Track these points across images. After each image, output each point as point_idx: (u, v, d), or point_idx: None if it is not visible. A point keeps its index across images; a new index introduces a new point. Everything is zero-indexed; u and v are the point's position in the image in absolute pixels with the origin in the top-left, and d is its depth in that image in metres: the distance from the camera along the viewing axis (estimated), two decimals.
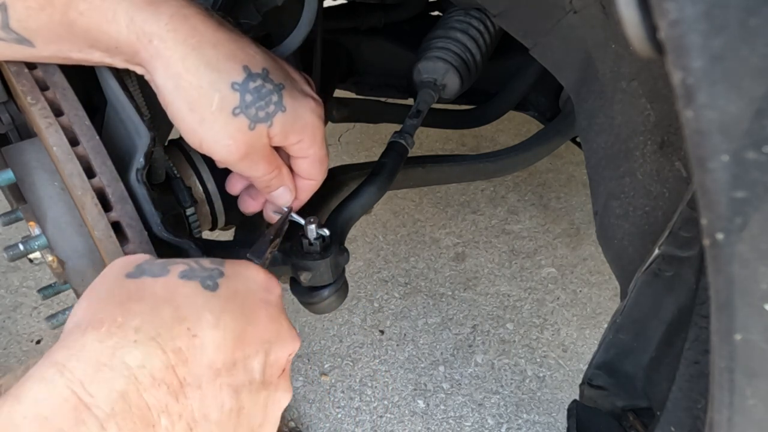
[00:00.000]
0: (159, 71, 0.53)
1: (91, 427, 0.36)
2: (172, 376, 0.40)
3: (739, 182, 0.28)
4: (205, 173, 0.72)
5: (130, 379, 0.38)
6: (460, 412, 1.46)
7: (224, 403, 0.43)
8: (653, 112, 0.57)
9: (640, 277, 0.59)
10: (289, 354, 0.49)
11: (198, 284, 0.45)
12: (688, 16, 0.25)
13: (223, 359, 0.43)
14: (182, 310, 0.43)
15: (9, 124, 0.66)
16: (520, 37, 0.80)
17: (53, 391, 0.37)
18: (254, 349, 0.46)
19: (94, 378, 0.38)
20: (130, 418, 0.38)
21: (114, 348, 0.39)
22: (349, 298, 0.85)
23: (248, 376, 0.45)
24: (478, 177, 1.15)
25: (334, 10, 1.23)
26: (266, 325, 0.47)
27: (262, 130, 0.57)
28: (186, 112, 0.55)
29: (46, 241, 0.60)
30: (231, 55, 0.54)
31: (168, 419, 0.39)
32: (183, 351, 0.41)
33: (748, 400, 0.35)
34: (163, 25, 0.52)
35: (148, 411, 0.39)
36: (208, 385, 0.42)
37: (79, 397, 0.37)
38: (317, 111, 0.61)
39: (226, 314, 0.44)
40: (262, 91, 0.56)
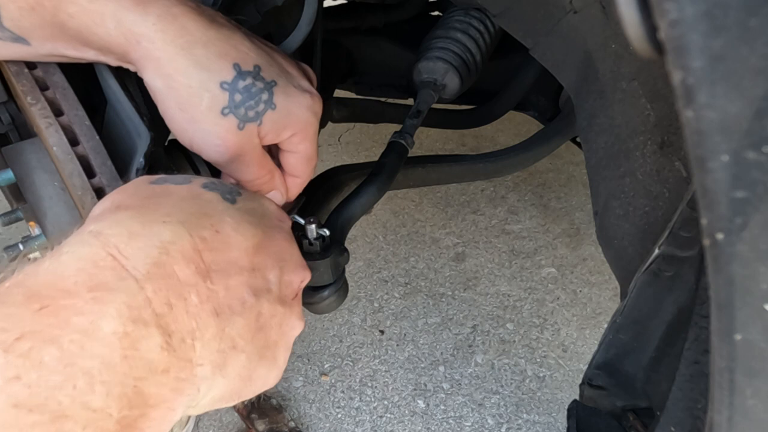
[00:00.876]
0: (149, 71, 0.53)
1: (130, 284, 0.37)
2: (199, 259, 0.41)
3: (739, 182, 0.28)
4: (204, 173, 0.72)
5: (162, 250, 0.39)
6: (460, 412, 1.46)
7: (246, 300, 0.43)
8: (653, 112, 0.57)
9: (640, 277, 0.59)
10: (301, 280, 0.51)
11: (218, 195, 0.47)
12: (688, 16, 0.25)
13: (244, 260, 0.44)
14: (206, 209, 0.45)
15: (9, 124, 0.66)
16: (520, 37, 0.80)
17: (92, 250, 0.38)
18: (271, 262, 0.47)
19: (129, 243, 0.39)
20: (164, 285, 0.38)
21: (145, 223, 0.40)
22: (349, 298, 0.85)
23: (266, 285, 0.46)
24: (478, 177, 1.15)
25: (334, 10, 1.23)
26: (281, 243, 0.49)
27: (251, 130, 0.56)
28: (176, 111, 0.55)
29: (46, 241, 0.60)
30: (221, 54, 0.54)
31: (197, 297, 0.40)
32: (208, 240, 0.42)
33: (748, 400, 0.35)
34: (151, 26, 0.51)
35: (179, 283, 0.39)
36: (232, 279, 0.43)
37: (116, 258, 0.38)
38: (312, 107, 0.60)
39: (246, 223, 0.46)
40: (252, 90, 0.55)
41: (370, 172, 0.83)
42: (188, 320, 0.39)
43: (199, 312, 0.40)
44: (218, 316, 0.41)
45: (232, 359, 0.42)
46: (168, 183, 0.47)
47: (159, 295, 0.38)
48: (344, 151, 2.25)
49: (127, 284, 0.37)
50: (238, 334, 0.42)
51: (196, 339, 0.39)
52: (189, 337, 0.39)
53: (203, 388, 0.41)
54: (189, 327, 0.39)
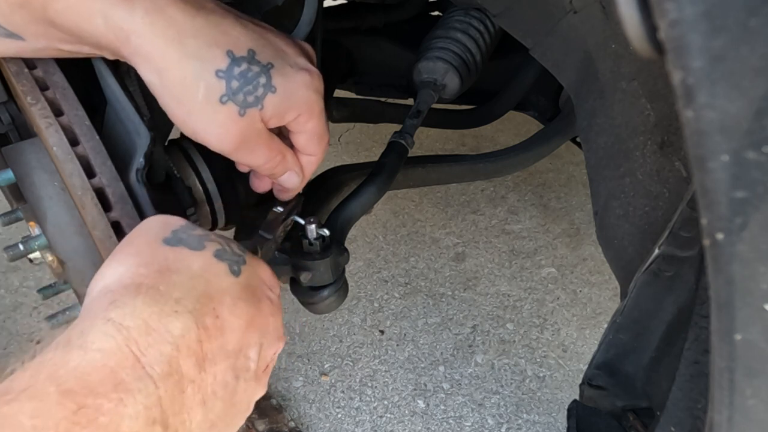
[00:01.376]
0: (142, 66, 0.53)
1: (147, 384, 0.40)
2: (199, 350, 0.43)
3: (739, 182, 0.28)
4: (205, 173, 0.72)
5: (173, 346, 0.42)
6: (460, 412, 1.46)
7: (228, 384, 0.45)
8: (653, 112, 0.57)
9: (640, 277, 0.59)
10: (274, 351, 0.52)
11: (227, 267, 0.48)
12: (688, 16, 0.25)
13: (233, 343, 0.46)
14: (211, 289, 0.46)
15: (9, 124, 0.66)
16: (520, 37, 0.80)
17: (114, 345, 0.40)
18: (255, 339, 0.48)
19: (146, 339, 0.41)
20: (172, 382, 0.41)
21: (159, 315, 0.42)
22: (349, 298, 0.85)
23: (246, 364, 0.48)
24: (478, 177, 1.15)
25: (334, 10, 1.23)
26: (266, 318, 0.50)
27: (253, 115, 0.55)
28: (174, 104, 0.54)
29: (46, 241, 0.60)
30: (213, 42, 0.53)
31: (192, 389, 0.42)
32: (209, 329, 0.44)
33: (748, 400, 0.35)
34: (139, 20, 0.50)
35: (182, 378, 0.42)
36: (221, 364, 0.45)
37: (135, 355, 0.40)
38: (313, 84, 0.59)
39: (241, 301, 0.47)
40: (249, 75, 0.54)
41: (370, 172, 0.83)
42: (183, 412, 0.42)
43: (192, 404, 0.43)
44: (204, 405, 0.44)
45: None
46: (182, 246, 0.48)
47: (168, 394, 0.41)
48: (344, 151, 2.25)
49: (145, 384, 0.40)
50: (217, 416, 0.45)
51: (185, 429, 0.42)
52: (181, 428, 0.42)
53: None
54: (182, 418, 0.42)
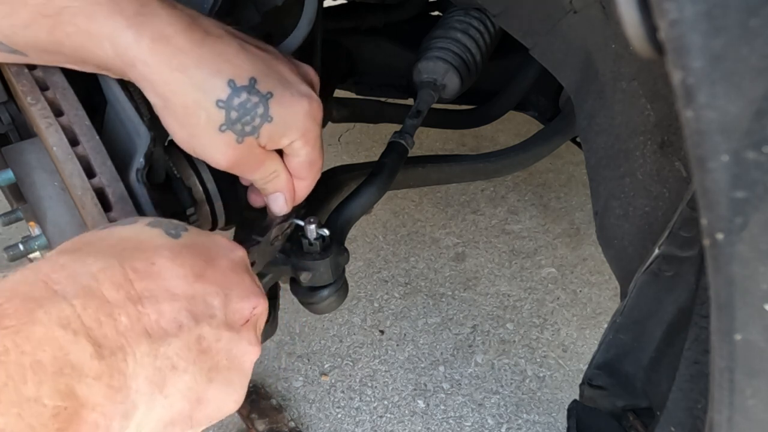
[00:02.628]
0: (147, 91, 0.55)
1: (60, 301, 0.40)
2: (129, 286, 0.43)
3: (739, 182, 0.28)
4: (205, 173, 0.72)
5: (91, 277, 0.42)
6: (460, 412, 1.46)
7: (182, 324, 0.45)
8: (653, 112, 0.57)
9: (640, 277, 0.59)
10: (253, 307, 0.51)
11: (161, 231, 0.49)
12: (688, 16, 0.25)
13: (181, 288, 0.46)
14: (143, 245, 0.47)
15: (9, 124, 0.66)
16: (520, 37, 0.80)
17: (23, 276, 0.41)
18: (213, 289, 0.48)
19: (59, 273, 0.42)
20: (93, 303, 0.41)
21: (76, 258, 0.43)
22: (349, 298, 0.85)
23: (208, 311, 0.47)
24: (478, 177, 1.15)
25: (334, 10, 1.23)
26: (226, 272, 0.50)
27: (250, 142, 0.57)
28: (176, 126, 0.56)
29: (46, 241, 0.60)
30: (215, 71, 0.54)
31: (128, 318, 0.42)
32: (140, 270, 0.45)
33: (748, 400, 0.35)
34: (146, 48, 0.52)
35: (108, 304, 0.42)
36: (165, 304, 0.45)
37: (46, 282, 0.41)
38: (311, 113, 0.60)
39: (185, 253, 0.48)
40: (248, 106, 0.56)
41: (370, 172, 0.83)
42: (117, 337, 0.41)
43: (128, 331, 0.42)
44: (150, 336, 0.43)
45: (172, 378, 0.44)
46: (115, 226, 0.49)
47: (87, 311, 0.40)
48: (344, 151, 2.25)
49: (57, 300, 0.40)
50: (176, 354, 0.44)
51: (127, 354, 0.42)
52: (120, 352, 0.41)
53: (142, 405, 0.43)
54: (119, 343, 0.41)
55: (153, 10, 0.53)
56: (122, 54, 0.52)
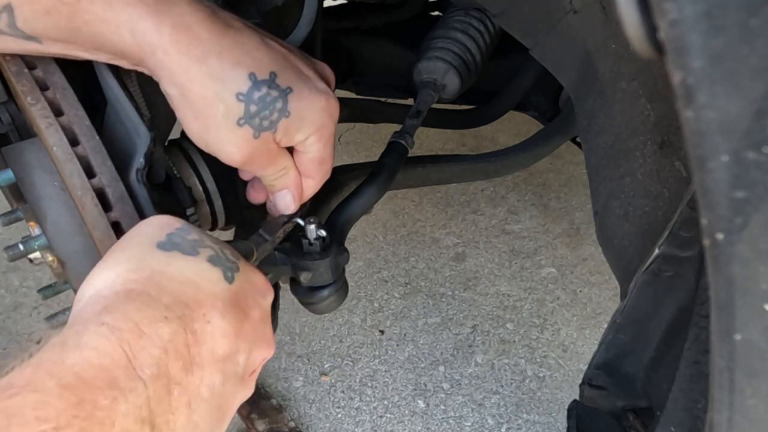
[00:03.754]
0: (164, 80, 0.54)
1: (138, 384, 0.41)
2: (187, 353, 0.45)
3: (739, 182, 0.28)
4: (205, 173, 0.72)
5: (162, 350, 0.43)
6: (460, 412, 1.46)
7: (214, 387, 0.47)
8: (653, 112, 0.57)
9: (640, 277, 0.59)
10: (263, 358, 0.53)
11: (221, 273, 0.49)
12: (688, 16, 0.25)
13: (223, 348, 0.47)
14: (202, 295, 0.47)
15: (9, 124, 0.66)
16: (520, 37, 0.80)
17: (109, 345, 0.42)
18: (245, 345, 0.49)
19: (138, 342, 0.43)
20: (160, 384, 0.42)
21: (150, 320, 0.44)
22: (349, 298, 0.85)
23: (234, 368, 0.49)
24: (478, 177, 1.15)
25: (334, 10, 1.23)
26: (256, 325, 0.51)
27: (266, 137, 0.57)
28: (191, 119, 0.55)
29: (46, 241, 0.60)
30: (236, 63, 0.54)
31: (179, 390, 0.44)
32: (198, 333, 0.46)
33: (748, 400, 0.35)
34: (166, 37, 0.51)
35: (169, 380, 0.43)
36: (208, 368, 0.46)
37: (128, 355, 0.42)
38: (328, 109, 0.60)
39: (233, 308, 0.48)
40: (267, 100, 0.55)
41: (370, 172, 0.83)
42: (168, 413, 0.43)
43: (178, 405, 0.44)
44: (189, 407, 0.45)
45: None
46: (176, 251, 0.49)
47: (156, 395, 0.42)
48: (344, 151, 2.25)
49: (135, 385, 0.41)
50: (201, 418, 0.46)
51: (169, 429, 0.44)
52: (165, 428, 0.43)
53: None
54: (167, 419, 0.43)
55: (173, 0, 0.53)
56: (141, 41, 0.52)
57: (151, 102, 0.66)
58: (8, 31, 0.52)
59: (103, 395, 0.39)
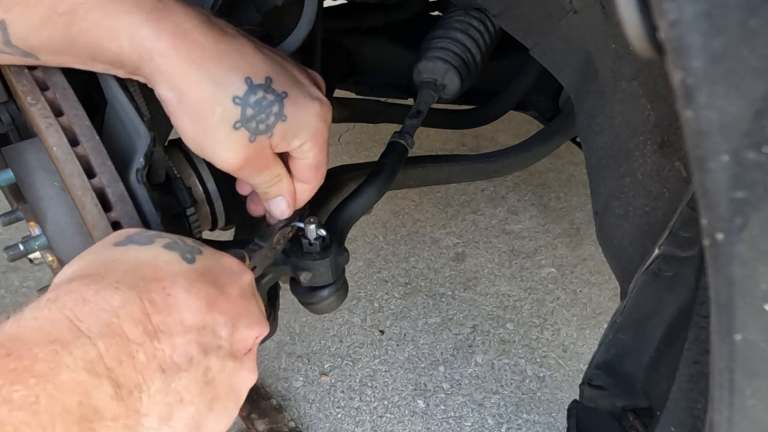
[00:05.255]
0: (161, 85, 0.54)
1: (85, 342, 0.41)
2: (147, 321, 0.44)
3: (739, 182, 0.28)
4: (205, 173, 0.72)
5: (112, 314, 0.43)
6: (460, 412, 1.46)
7: (193, 357, 0.46)
8: (653, 112, 0.57)
9: (640, 277, 0.59)
10: (256, 336, 0.52)
11: (178, 255, 0.49)
12: (687, 16, 0.25)
13: (193, 319, 0.46)
14: (160, 272, 0.47)
15: (9, 124, 0.66)
16: (520, 37, 0.80)
17: (49, 314, 0.42)
18: (223, 319, 0.49)
19: (82, 309, 0.42)
20: (114, 343, 0.42)
21: (97, 290, 0.44)
22: (349, 298, 0.85)
23: (216, 342, 0.48)
24: (478, 177, 1.15)
25: (334, 10, 1.23)
26: (236, 300, 0.50)
27: (262, 141, 0.57)
28: (187, 123, 0.56)
29: (46, 241, 0.60)
30: (233, 68, 0.55)
31: (144, 355, 0.43)
32: (158, 303, 0.45)
33: (748, 400, 0.35)
34: (164, 42, 0.52)
35: (128, 342, 0.43)
36: (178, 337, 0.45)
37: (71, 320, 0.41)
38: (322, 114, 0.60)
39: (199, 282, 0.48)
40: (263, 104, 0.56)
41: (370, 172, 0.83)
42: (135, 375, 0.43)
43: (145, 368, 0.43)
44: (164, 372, 0.44)
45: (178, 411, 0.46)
46: (131, 244, 0.49)
47: (110, 352, 0.41)
48: (344, 151, 2.25)
49: (82, 341, 0.41)
50: (185, 388, 0.46)
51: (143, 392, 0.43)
52: (136, 390, 0.42)
53: None
54: (136, 381, 0.42)
55: (169, 6, 0.53)
56: (139, 47, 0.52)
57: (151, 102, 0.66)
58: (5, 50, 0.53)
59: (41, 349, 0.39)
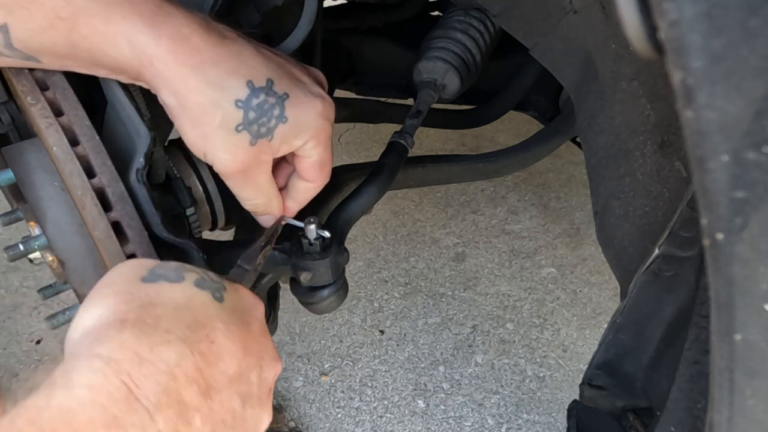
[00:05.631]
0: (162, 90, 0.54)
1: (142, 416, 0.38)
2: (200, 378, 0.42)
3: (739, 182, 0.28)
4: (205, 173, 0.72)
5: (170, 375, 0.40)
6: (460, 412, 1.46)
7: (235, 410, 0.45)
8: (653, 112, 0.57)
9: (640, 277, 0.59)
10: (274, 374, 0.51)
11: (209, 295, 0.48)
12: (687, 16, 0.25)
13: (234, 367, 0.45)
14: (199, 317, 0.45)
15: (9, 124, 0.66)
16: (520, 37, 0.80)
17: (105, 379, 0.38)
18: (253, 362, 0.48)
19: (139, 371, 0.39)
20: (173, 412, 0.39)
21: (151, 345, 0.41)
22: (349, 298, 0.85)
23: (250, 389, 0.47)
24: (478, 177, 1.15)
25: (334, 10, 1.23)
26: (259, 339, 0.50)
27: (262, 144, 0.57)
28: (189, 127, 0.56)
29: (46, 241, 0.60)
30: (233, 72, 0.55)
31: (200, 419, 0.41)
32: (206, 354, 0.43)
33: (748, 400, 0.35)
34: (164, 48, 0.52)
35: (186, 408, 0.40)
36: (225, 391, 0.44)
37: (128, 386, 0.38)
38: (324, 113, 0.61)
39: (232, 325, 0.47)
40: (265, 107, 0.56)
41: (370, 172, 0.83)
42: None
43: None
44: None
45: None
46: (162, 281, 0.47)
47: (168, 425, 0.39)
48: (344, 151, 2.25)
49: (140, 417, 0.38)
50: None
51: None
52: None
53: None
54: None
55: (169, 11, 0.53)
56: (140, 53, 0.52)
57: (151, 102, 0.66)
58: (6, 53, 0.53)
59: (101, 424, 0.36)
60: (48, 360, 1.52)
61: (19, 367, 1.52)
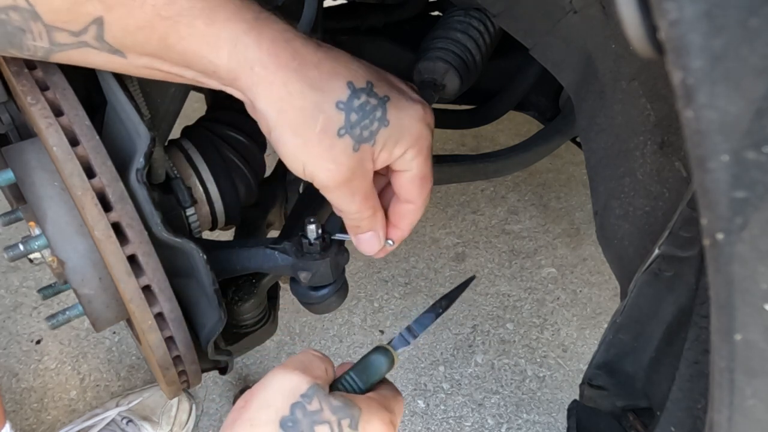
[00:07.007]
0: (261, 97, 0.52)
1: None
2: None
3: (739, 182, 0.28)
4: (205, 173, 0.72)
5: None
6: (460, 412, 1.46)
7: None
8: (653, 112, 0.57)
9: (640, 277, 0.59)
10: None
11: None
12: (688, 16, 0.25)
13: None
14: None
15: (9, 124, 0.66)
16: (520, 37, 0.80)
17: None
18: None
19: None
20: None
21: None
22: (349, 298, 0.85)
23: None
24: (478, 177, 1.15)
25: (335, 10, 1.23)
26: None
27: (365, 150, 0.55)
28: (289, 136, 0.53)
29: (46, 241, 0.61)
30: (333, 73, 0.54)
31: None
32: None
33: (748, 400, 0.35)
34: (265, 51, 0.51)
35: None
36: None
37: None
38: (425, 118, 0.58)
39: None
40: (367, 108, 0.54)
41: None
42: None
43: None
44: None
45: None
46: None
47: None
48: None
49: None
50: None
51: None
52: None
53: None
54: None
55: (269, 17, 0.53)
56: (241, 57, 0.51)
57: (151, 102, 0.66)
58: (94, 44, 0.51)
59: None
60: (48, 360, 1.52)
61: (19, 367, 1.52)
